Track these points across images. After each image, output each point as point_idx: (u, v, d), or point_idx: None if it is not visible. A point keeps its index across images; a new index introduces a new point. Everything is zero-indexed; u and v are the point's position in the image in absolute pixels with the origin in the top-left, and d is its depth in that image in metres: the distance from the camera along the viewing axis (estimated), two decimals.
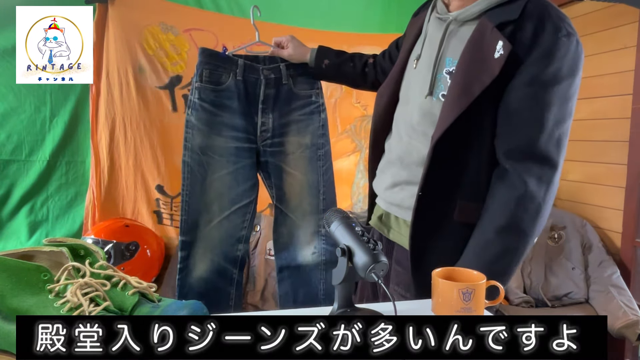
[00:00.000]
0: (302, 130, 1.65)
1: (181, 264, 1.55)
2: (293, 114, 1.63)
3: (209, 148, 1.54)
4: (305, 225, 1.71)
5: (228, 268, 1.62)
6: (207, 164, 1.55)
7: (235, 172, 1.58)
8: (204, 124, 1.52)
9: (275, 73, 1.58)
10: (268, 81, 1.57)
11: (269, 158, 1.61)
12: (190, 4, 2.23)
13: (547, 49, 0.91)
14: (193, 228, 1.55)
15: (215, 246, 1.59)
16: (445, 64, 1.01)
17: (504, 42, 0.90)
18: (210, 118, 1.53)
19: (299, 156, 1.66)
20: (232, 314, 0.70)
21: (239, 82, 1.54)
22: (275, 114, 1.60)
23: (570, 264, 2.37)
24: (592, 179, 2.54)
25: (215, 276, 1.60)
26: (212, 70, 1.52)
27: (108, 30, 2.11)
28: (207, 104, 1.52)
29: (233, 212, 1.59)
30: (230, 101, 1.54)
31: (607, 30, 2.44)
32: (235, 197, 1.59)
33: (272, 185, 1.64)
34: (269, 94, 1.57)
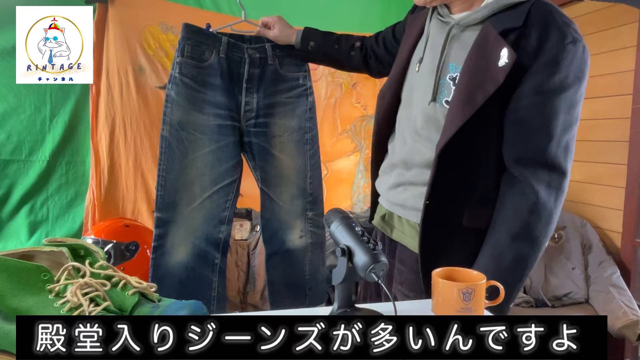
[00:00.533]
0: (289, 113, 1.64)
1: (156, 242, 1.48)
2: (279, 95, 1.61)
3: (189, 124, 1.50)
4: (293, 210, 1.69)
5: (210, 252, 1.56)
6: (187, 141, 1.50)
7: (218, 150, 1.54)
8: (184, 99, 1.48)
9: (260, 53, 1.55)
10: (253, 60, 1.54)
11: (252, 138, 1.58)
12: (190, 4, 2.23)
13: (553, 56, 0.90)
14: (171, 207, 1.49)
15: (197, 228, 1.53)
16: (449, 70, 1.00)
17: (509, 51, 0.89)
18: (191, 94, 1.49)
19: (285, 139, 1.64)
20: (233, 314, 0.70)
21: (222, 60, 1.51)
22: (260, 94, 1.58)
23: (570, 264, 2.37)
24: (592, 179, 2.54)
25: (196, 261, 1.54)
26: (194, 46, 1.48)
27: (108, 30, 2.11)
28: (188, 80, 1.48)
29: (215, 191, 1.55)
30: (213, 78, 1.51)
31: (607, 30, 2.44)
32: (218, 176, 1.55)
33: (257, 167, 1.62)
34: (254, 73, 1.55)
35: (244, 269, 2.25)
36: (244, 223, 2.31)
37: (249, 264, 2.26)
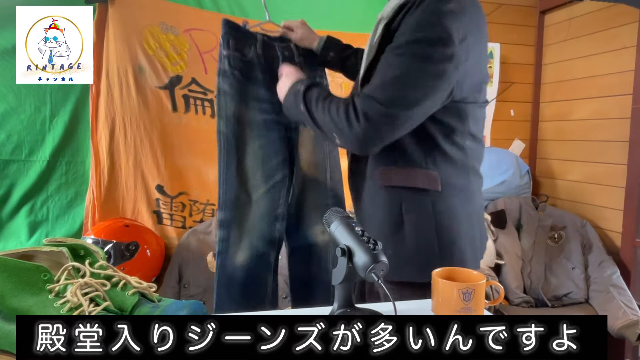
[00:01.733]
0: None
1: (220, 245, 1.44)
2: None
3: (242, 118, 1.47)
4: (313, 204, 1.65)
5: (266, 251, 1.51)
6: (241, 135, 1.48)
7: (267, 146, 1.51)
8: (237, 92, 1.46)
9: (288, 51, 1.57)
10: (284, 58, 1.54)
11: (292, 135, 1.57)
12: (190, 4, 2.23)
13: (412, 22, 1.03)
14: (233, 205, 1.46)
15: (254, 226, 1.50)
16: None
17: (382, 26, 1.08)
18: (241, 87, 1.47)
19: (306, 135, 1.63)
20: (233, 314, 0.70)
21: (260, 56, 1.51)
22: None
23: (570, 264, 2.37)
24: (592, 179, 2.54)
25: (255, 262, 1.50)
26: (238, 40, 1.48)
27: (108, 30, 2.11)
28: (237, 72, 1.47)
29: (270, 188, 1.52)
30: (255, 73, 1.50)
31: (607, 30, 2.44)
32: (270, 172, 1.52)
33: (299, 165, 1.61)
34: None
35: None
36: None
37: None
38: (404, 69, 1.00)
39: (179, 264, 2.16)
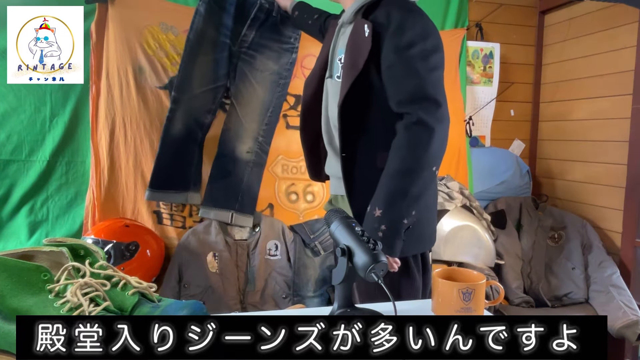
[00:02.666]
0: (274, 58, 2.20)
1: (169, 113, 2.10)
2: (271, 42, 2.18)
3: (206, 34, 2.06)
4: (248, 128, 2.22)
5: (195, 129, 2.15)
6: (201, 45, 2.07)
7: (218, 60, 2.12)
8: (208, 15, 2.05)
9: (269, 5, 2.11)
10: (262, 7, 2.11)
11: (239, 62, 2.17)
12: (190, 4, 2.22)
13: (398, 23, 1.17)
14: (182, 89, 2.08)
15: (193, 109, 2.12)
16: (337, 54, 1.33)
17: (368, 23, 1.18)
18: (213, 13, 2.06)
19: (265, 76, 2.21)
20: (233, 314, 0.70)
21: None
22: (257, 33, 2.15)
23: (570, 264, 2.37)
24: (592, 179, 2.54)
25: (187, 133, 2.14)
26: None
27: (108, 30, 2.11)
28: (214, 2, 2.06)
29: (210, 88, 2.13)
30: (230, 7, 2.09)
31: (607, 30, 2.44)
32: (214, 77, 2.13)
33: (234, 84, 2.18)
34: (259, 16, 2.12)
35: (244, 269, 2.25)
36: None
37: (249, 263, 2.26)
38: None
39: (179, 264, 2.16)
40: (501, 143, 2.85)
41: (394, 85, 1.18)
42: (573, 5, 2.62)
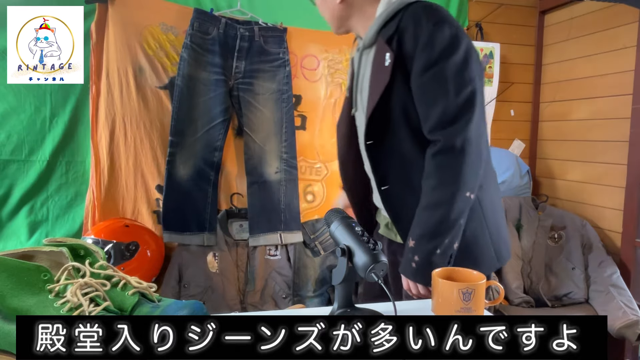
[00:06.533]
0: (270, 78, 2.27)
1: (169, 157, 2.16)
2: (263, 64, 2.26)
3: (196, 77, 2.15)
4: (270, 150, 2.29)
5: (206, 169, 2.22)
6: (193, 89, 2.15)
7: (215, 97, 2.19)
8: (193, 60, 2.13)
9: (249, 32, 2.22)
10: (243, 37, 2.21)
11: (240, 93, 2.24)
12: (190, 4, 2.23)
13: (426, 40, 1.09)
14: (180, 134, 2.15)
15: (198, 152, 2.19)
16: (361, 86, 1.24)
17: (390, 53, 1.11)
18: (198, 56, 2.14)
19: (267, 97, 2.27)
20: (233, 314, 0.70)
21: (221, 34, 2.18)
22: (247, 61, 2.23)
23: (570, 264, 2.37)
24: (592, 179, 2.54)
25: (197, 175, 2.20)
26: (201, 23, 2.14)
27: (108, 30, 2.11)
28: (196, 46, 2.14)
29: (212, 127, 2.20)
30: (214, 47, 2.17)
31: (607, 30, 2.44)
32: (214, 115, 2.20)
33: (243, 115, 2.26)
34: (243, 46, 2.22)
35: (244, 269, 2.25)
36: (243, 223, 2.31)
37: (249, 263, 2.26)
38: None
39: (179, 264, 2.17)
40: (501, 143, 2.85)
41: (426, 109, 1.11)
42: (573, 5, 2.62)
